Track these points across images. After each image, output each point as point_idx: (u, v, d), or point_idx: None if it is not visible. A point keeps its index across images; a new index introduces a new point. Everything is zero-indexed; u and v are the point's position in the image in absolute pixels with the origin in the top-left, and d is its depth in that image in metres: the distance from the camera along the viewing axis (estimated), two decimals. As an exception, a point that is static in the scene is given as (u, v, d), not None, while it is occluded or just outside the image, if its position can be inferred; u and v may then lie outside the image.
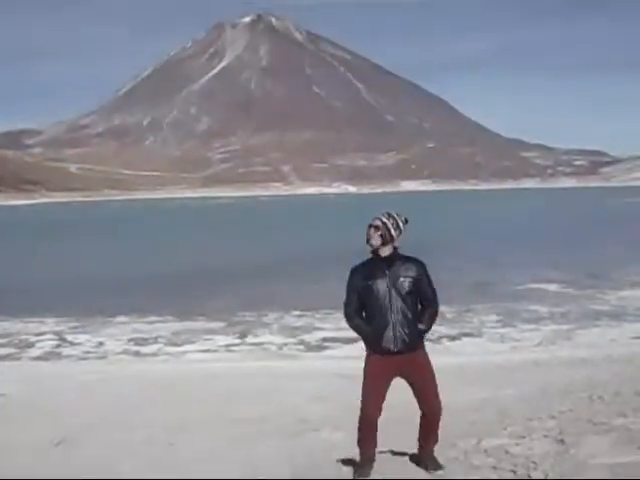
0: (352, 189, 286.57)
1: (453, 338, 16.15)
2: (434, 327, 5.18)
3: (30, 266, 35.24)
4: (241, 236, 53.53)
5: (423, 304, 4.99)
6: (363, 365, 5.04)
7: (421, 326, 4.95)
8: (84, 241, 51.54)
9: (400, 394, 5.07)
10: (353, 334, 5.16)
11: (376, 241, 4.91)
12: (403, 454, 5.38)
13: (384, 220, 4.92)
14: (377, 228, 4.91)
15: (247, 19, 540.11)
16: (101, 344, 16.62)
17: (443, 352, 14.38)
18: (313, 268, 30.15)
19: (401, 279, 4.89)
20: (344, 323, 5.13)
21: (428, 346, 5.14)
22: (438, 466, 5.02)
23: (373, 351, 4.93)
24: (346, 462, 5.43)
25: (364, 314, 5.00)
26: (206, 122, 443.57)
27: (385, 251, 4.93)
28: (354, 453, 5.40)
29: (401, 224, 4.95)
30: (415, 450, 5.26)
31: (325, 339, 16.59)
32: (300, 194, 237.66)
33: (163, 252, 41.46)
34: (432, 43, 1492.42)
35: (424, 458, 5.11)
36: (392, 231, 4.90)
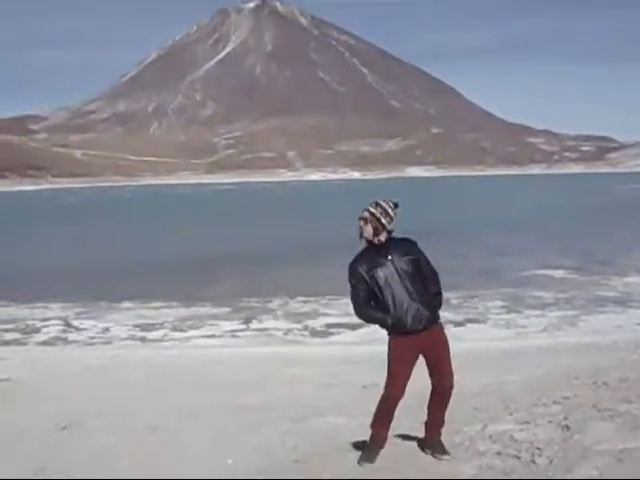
0: (357, 175, 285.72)
1: (458, 324, 16.18)
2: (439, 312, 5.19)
3: (35, 252, 35.32)
4: (246, 222, 53.53)
5: (426, 278, 5.03)
6: (387, 349, 5.05)
7: (437, 298, 5.04)
8: (89, 227, 51.62)
9: (410, 381, 5.07)
10: (358, 320, 5.15)
11: (368, 233, 4.95)
12: (409, 439, 5.38)
13: (372, 210, 4.94)
14: (366, 220, 4.94)
15: (251, 4, 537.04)
16: (107, 330, 16.69)
17: (448, 338, 14.37)
18: (318, 254, 30.15)
19: (404, 259, 4.95)
20: (349, 309, 5.12)
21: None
22: (444, 451, 5.03)
23: (400, 334, 4.95)
24: (351, 447, 5.43)
25: (373, 304, 5.00)
26: (211, 108, 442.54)
27: (380, 239, 4.96)
28: (359, 438, 5.41)
29: (390, 210, 4.97)
30: (421, 435, 5.27)
31: (330, 325, 16.62)
32: (305, 180, 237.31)
33: (168, 238, 41.50)
34: (438, 30, 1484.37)
35: (430, 443, 5.12)
36: (382, 219, 4.93)
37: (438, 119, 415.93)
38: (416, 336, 4.92)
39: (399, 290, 4.89)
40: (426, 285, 5.00)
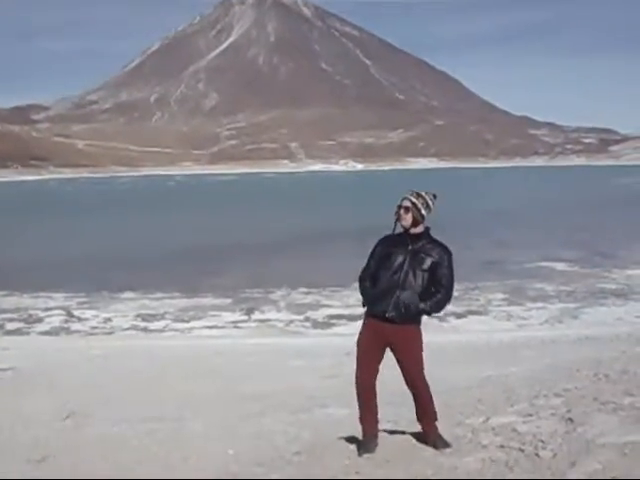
0: (359, 166, 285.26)
1: (459, 316, 16.17)
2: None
3: (38, 242, 35.34)
4: (248, 212, 53.50)
5: (436, 288, 4.90)
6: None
7: (423, 305, 4.84)
8: (91, 217, 51.63)
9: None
10: (360, 311, 5.13)
11: (407, 222, 4.87)
12: (410, 432, 5.37)
13: (414, 200, 4.87)
14: (407, 209, 4.86)
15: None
16: (109, 320, 16.72)
17: (449, 330, 14.39)
18: (319, 245, 30.15)
19: (421, 255, 4.86)
20: (351, 300, 5.11)
21: (434, 323, 5.10)
22: (445, 444, 5.00)
23: (369, 312, 4.93)
24: (353, 439, 5.43)
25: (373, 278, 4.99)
26: (214, 98, 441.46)
27: (416, 230, 4.91)
28: (361, 430, 5.40)
29: (430, 202, 4.92)
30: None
31: (332, 316, 16.61)
32: (307, 171, 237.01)
33: (169, 229, 41.52)
34: (440, 22, 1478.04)
35: (430, 436, 5.10)
36: (422, 211, 4.87)
37: (441, 111, 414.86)
38: (384, 326, 4.83)
39: (396, 278, 4.83)
40: (431, 292, 4.87)
